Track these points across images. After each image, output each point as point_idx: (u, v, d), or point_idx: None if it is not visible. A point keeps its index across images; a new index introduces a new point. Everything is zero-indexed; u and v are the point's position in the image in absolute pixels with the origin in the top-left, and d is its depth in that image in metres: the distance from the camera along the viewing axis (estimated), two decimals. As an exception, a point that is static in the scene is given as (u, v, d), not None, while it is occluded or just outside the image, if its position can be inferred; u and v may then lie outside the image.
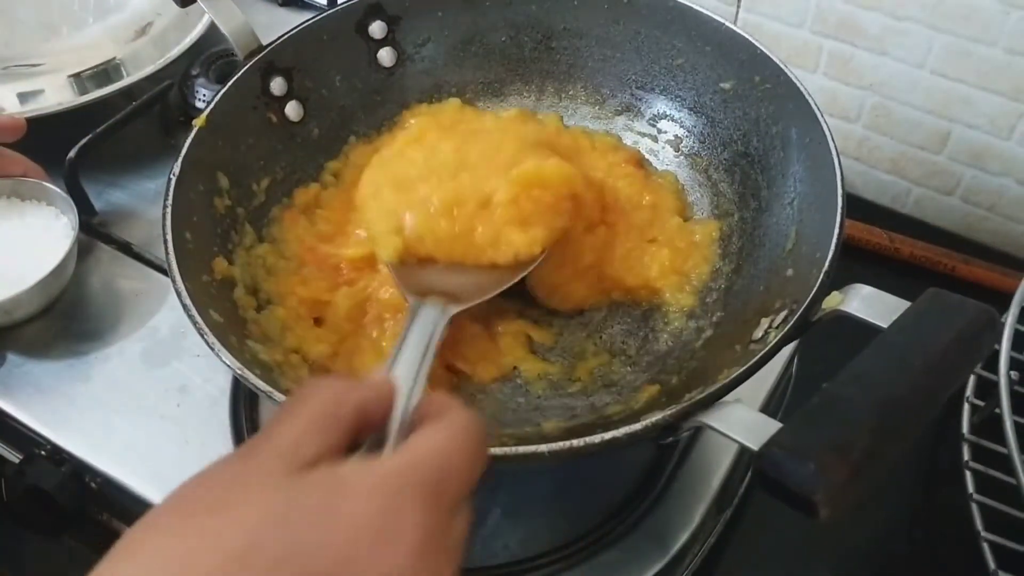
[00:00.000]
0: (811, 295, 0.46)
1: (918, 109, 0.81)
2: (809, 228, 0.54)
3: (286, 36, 0.65)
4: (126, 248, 0.74)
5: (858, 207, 0.87)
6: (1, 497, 0.64)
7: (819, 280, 0.47)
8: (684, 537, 0.56)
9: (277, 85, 0.65)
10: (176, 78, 0.81)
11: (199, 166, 0.58)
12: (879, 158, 0.87)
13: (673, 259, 0.62)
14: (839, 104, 0.85)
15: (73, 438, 0.62)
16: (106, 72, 0.79)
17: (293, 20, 0.66)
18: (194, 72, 0.80)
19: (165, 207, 0.53)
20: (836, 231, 0.49)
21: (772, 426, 0.38)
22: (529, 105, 0.73)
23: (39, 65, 0.78)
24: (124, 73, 0.80)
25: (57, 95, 0.77)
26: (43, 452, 0.62)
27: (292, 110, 0.66)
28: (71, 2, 0.84)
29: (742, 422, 0.40)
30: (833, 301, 0.45)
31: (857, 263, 0.79)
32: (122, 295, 0.71)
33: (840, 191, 0.51)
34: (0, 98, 0.76)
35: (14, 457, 0.65)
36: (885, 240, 0.81)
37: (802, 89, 0.58)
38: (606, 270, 0.61)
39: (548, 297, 0.61)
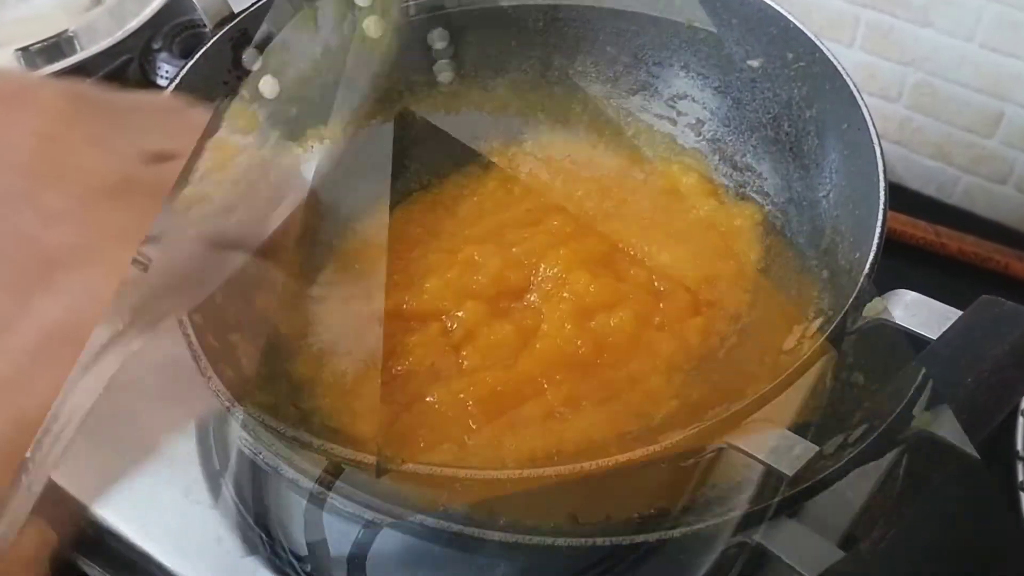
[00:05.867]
0: (849, 302, 0.46)
1: (966, 87, 0.81)
2: (846, 225, 0.54)
3: (261, 2, 0.64)
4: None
5: (899, 197, 0.86)
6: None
7: (859, 285, 0.47)
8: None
9: (250, 58, 0.64)
10: (136, 52, 0.80)
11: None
12: (922, 142, 0.87)
13: (722, 241, 0.61)
14: (878, 82, 0.85)
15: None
16: (58, 45, 0.78)
17: (267, -9, 0.66)
18: (156, 46, 0.79)
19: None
20: (878, 230, 0.48)
21: (807, 449, 0.38)
22: (532, 81, 0.73)
23: (-17, 38, 0.78)
24: (78, 47, 0.79)
25: (3, 71, 0.77)
26: None
27: (267, 86, 0.66)
28: (18, -32, 0.84)
29: (772, 444, 0.40)
30: (874, 308, 0.45)
31: (898, 259, 0.78)
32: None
33: (883, 185, 0.50)
34: (-61, 74, 0.76)
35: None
36: (930, 234, 0.81)
37: (840, 69, 0.57)
38: None
39: None
